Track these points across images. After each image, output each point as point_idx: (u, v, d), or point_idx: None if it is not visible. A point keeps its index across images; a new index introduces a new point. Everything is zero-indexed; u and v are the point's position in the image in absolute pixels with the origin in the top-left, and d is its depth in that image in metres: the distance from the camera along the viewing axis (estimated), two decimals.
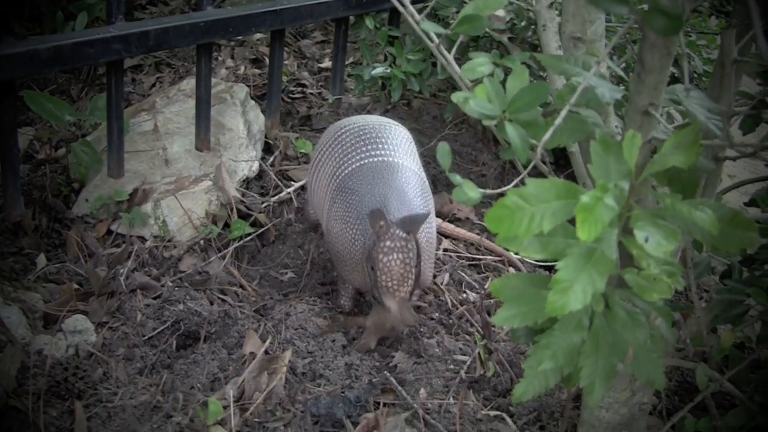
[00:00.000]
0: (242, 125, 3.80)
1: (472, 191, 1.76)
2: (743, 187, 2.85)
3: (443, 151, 1.79)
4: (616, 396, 2.28)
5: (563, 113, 1.52)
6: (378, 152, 3.07)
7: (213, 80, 3.78)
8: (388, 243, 2.83)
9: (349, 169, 3.04)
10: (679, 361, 2.28)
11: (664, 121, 1.68)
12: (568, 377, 1.77)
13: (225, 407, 2.62)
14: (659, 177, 1.79)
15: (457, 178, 1.76)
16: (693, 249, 2.52)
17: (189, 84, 3.91)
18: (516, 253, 2.95)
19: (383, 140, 3.13)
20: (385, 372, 2.83)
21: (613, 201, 1.42)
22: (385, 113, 4.36)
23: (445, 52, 1.88)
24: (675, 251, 2.05)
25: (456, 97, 1.68)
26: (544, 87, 1.65)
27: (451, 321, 3.16)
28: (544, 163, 1.81)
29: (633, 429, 2.28)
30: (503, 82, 1.72)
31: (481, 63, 1.81)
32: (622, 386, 2.27)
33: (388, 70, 4.08)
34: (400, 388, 2.76)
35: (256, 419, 2.63)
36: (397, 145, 3.14)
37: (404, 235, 2.85)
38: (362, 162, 3.05)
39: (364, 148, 3.09)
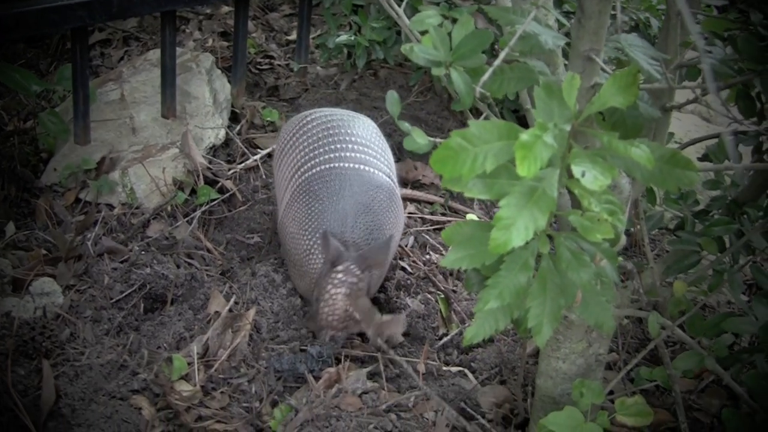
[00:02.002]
0: (208, 93, 3.83)
1: (420, 138, 1.81)
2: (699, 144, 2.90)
3: (392, 98, 1.84)
4: (572, 347, 2.33)
5: (502, 55, 1.56)
6: (349, 154, 2.98)
7: (179, 50, 3.81)
8: (340, 275, 2.77)
9: (317, 169, 2.94)
10: (632, 311, 2.33)
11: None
12: (518, 321, 1.82)
13: (189, 363, 2.67)
14: (604, 125, 1.84)
15: (405, 125, 1.81)
16: (647, 203, 2.58)
17: (155, 54, 3.93)
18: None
19: (354, 139, 3.04)
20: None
21: (552, 139, 1.46)
22: (352, 83, 4.40)
23: (395, 5, 1.92)
24: (624, 200, 2.09)
25: (404, 47, 1.73)
26: (488, 33, 1.70)
27: (410, 282, 3.21)
28: (491, 110, 1.86)
29: (590, 379, 2.32)
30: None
31: (429, 15, 1.85)
32: (578, 337, 2.31)
33: (353, 38, 4.12)
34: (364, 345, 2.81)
35: (221, 375, 2.68)
36: (368, 145, 3.07)
37: (358, 272, 2.78)
38: (331, 165, 2.94)
39: (333, 146, 2.99)
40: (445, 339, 2.97)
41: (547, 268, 1.71)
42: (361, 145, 3.02)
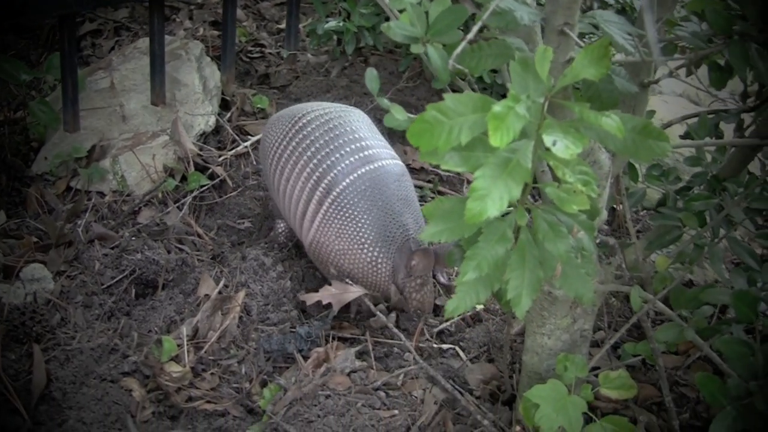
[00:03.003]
0: (198, 81, 3.85)
1: (399, 114, 1.84)
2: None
3: (371, 76, 1.86)
4: (557, 323, 2.35)
5: (475, 29, 1.58)
6: (366, 153, 2.95)
7: (168, 38, 3.83)
8: (418, 281, 2.91)
9: (347, 180, 2.89)
10: (616, 286, 2.35)
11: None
12: (500, 294, 1.85)
13: (179, 345, 2.69)
14: (581, 99, 1.87)
15: (385, 102, 1.84)
16: (629, 180, 2.61)
17: (145, 42, 3.96)
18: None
19: (359, 135, 3.01)
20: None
21: (524, 110, 1.48)
22: (342, 70, 4.42)
23: None
24: (604, 176, 2.11)
25: (384, 26, 1.75)
26: (463, 9, 1.72)
27: None
28: (463, 80, 1.88)
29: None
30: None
31: None
32: (563, 313, 2.34)
33: (342, 25, 4.14)
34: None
35: (211, 357, 2.71)
36: (372, 137, 3.05)
37: (430, 269, 2.95)
38: (358, 173, 2.90)
39: (348, 148, 2.94)
40: (442, 325, 3.00)
41: (526, 240, 1.74)
42: (367, 139, 3.02)
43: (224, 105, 4.03)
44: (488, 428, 2.47)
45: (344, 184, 2.89)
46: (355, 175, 2.90)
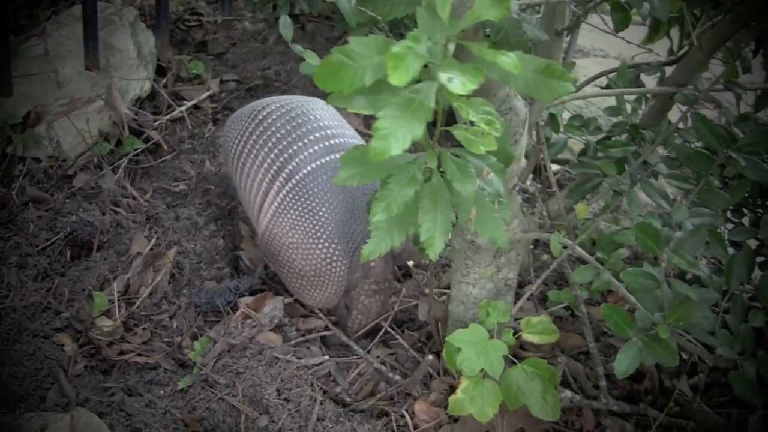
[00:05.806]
0: (132, 46, 3.86)
1: (313, 59, 1.88)
2: None
3: (285, 22, 1.89)
4: (481, 272, 2.40)
5: None
6: (330, 143, 2.73)
7: (102, 4, 3.83)
8: (373, 286, 2.71)
9: (306, 169, 2.68)
10: (538, 234, 2.40)
11: None
12: (417, 239, 1.89)
13: (111, 301, 2.72)
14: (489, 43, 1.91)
15: (297, 48, 1.87)
16: (550, 130, 2.66)
17: (79, 9, 3.94)
18: None
19: (324, 123, 2.81)
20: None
21: (424, 50, 1.52)
22: (279, 37, 4.44)
23: None
24: (521, 123, 2.15)
25: None
26: None
27: None
28: (379, 29, 1.92)
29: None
30: None
31: None
32: (487, 262, 2.38)
33: None
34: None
35: (143, 312, 2.74)
36: (339, 126, 2.85)
37: (390, 276, 2.75)
38: (320, 162, 2.69)
39: (311, 137, 2.75)
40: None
41: (437, 183, 1.78)
42: (333, 128, 2.82)
43: (160, 71, 4.04)
44: (395, 381, 2.54)
45: (304, 172, 2.68)
46: (318, 163, 2.69)
